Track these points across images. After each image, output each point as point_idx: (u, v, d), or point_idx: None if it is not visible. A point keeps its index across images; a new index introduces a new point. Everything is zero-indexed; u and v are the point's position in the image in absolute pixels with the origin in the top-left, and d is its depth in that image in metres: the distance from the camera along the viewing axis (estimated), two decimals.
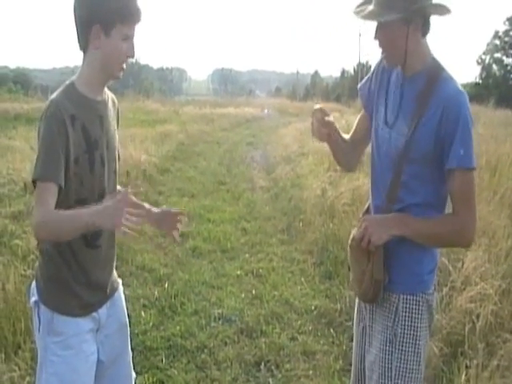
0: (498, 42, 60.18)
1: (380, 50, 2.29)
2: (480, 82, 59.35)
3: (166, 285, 5.60)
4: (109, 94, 2.43)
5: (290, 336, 4.67)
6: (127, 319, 2.62)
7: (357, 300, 2.62)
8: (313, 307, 5.17)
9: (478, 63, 61.16)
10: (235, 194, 10.43)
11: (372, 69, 2.54)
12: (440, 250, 2.74)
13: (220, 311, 5.08)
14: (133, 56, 2.21)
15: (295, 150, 13.93)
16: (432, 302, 2.37)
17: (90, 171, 2.22)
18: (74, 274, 2.30)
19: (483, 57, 61.13)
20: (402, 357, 2.30)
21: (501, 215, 6.11)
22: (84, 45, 2.18)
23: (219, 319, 4.95)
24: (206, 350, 4.37)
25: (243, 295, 5.50)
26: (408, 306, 2.31)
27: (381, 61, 2.44)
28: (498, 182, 7.45)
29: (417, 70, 2.24)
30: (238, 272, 6.17)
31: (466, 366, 3.70)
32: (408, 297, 2.31)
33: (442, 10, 2.19)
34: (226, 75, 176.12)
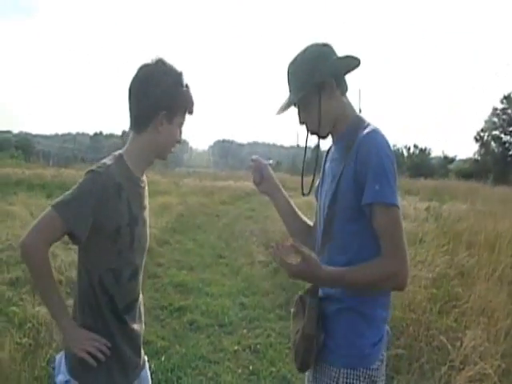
0: (496, 119, 61.11)
1: (308, 133, 2.38)
2: (479, 158, 59.97)
3: (163, 358, 5.55)
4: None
5: None
6: None
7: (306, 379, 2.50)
8: None
9: (477, 140, 61.94)
10: (234, 267, 10.42)
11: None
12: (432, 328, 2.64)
13: None
14: (180, 141, 2.36)
15: None
16: (376, 378, 2.21)
17: (130, 245, 2.29)
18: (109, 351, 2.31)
19: (481, 134, 61.94)
20: None
21: (500, 293, 6.10)
22: (143, 127, 2.28)
23: None
24: None
25: (240, 371, 5.44)
26: (348, 381, 2.17)
27: (325, 154, 2.54)
28: (496, 259, 7.44)
29: (342, 130, 2.28)
30: (236, 347, 6.11)
31: None
32: (349, 371, 2.17)
33: (349, 64, 2.28)
34: (227, 147, 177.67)
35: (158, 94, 2.22)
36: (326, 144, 2.48)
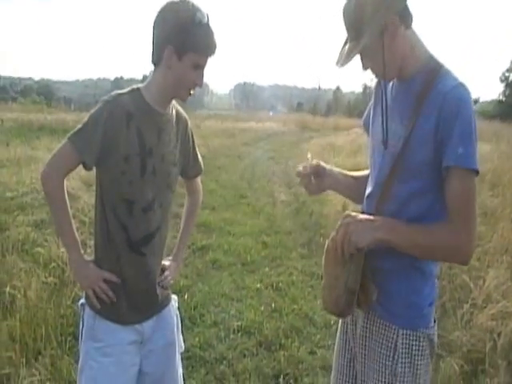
0: None
1: (373, 74, 2.10)
2: (503, 99, 59.09)
3: (186, 296, 5.61)
4: (176, 111, 2.48)
5: (309, 350, 4.66)
6: (177, 337, 2.63)
7: (340, 326, 2.41)
8: (332, 321, 5.14)
9: (502, 80, 60.94)
10: (256, 207, 10.46)
11: (372, 96, 2.37)
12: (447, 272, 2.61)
13: (239, 323, 5.09)
14: (200, 85, 2.28)
15: None
16: (433, 337, 2.12)
17: (141, 176, 2.28)
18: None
19: (507, 74, 60.91)
20: None
21: None
22: (156, 60, 2.26)
23: (238, 331, 4.95)
24: (224, 362, 4.38)
25: (262, 308, 5.50)
26: (408, 342, 2.07)
27: (376, 82, 2.29)
28: None
29: (413, 72, 2.03)
30: (258, 285, 6.17)
31: None
32: (408, 332, 2.06)
33: None
34: (248, 90, 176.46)
35: (168, 28, 2.18)
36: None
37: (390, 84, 2.17)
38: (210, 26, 2.20)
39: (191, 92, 2.31)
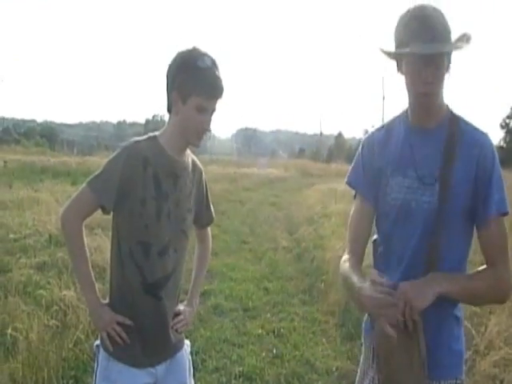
0: None
1: (427, 83, 1.91)
2: (504, 145, 59.33)
3: (188, 342, 5.58)
4: (192, 160, 2.55)
5: None
6: (188, 381, 2.64)
7: (367, 352, 2.26)
8: (334, 368, 5.13)
9: (502, 127, 61.29)
10: (258, 253, 10.45)
11: (355, 159, 2.30)
12: None
13: (241, 369, 5.05)
14: (208, 129, 2.31)
15: (318, 211, 13.99)
16: (464, 382, 2.09)
17: (157, 219, 2.33)
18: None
19: (507, 120, 61.27)
20: None
21: None
22: (168, 107, 2.34)
23: (240, 377, 4.92)
24: None
25: (264, 354, 5.47)
26: None
27: (364, 141, 2.26)
28: None
29: (441, 118, 2.02)
30: (260, 331, 6.14)
31: None
32: (449, 381, 2.01)
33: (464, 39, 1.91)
34: (250, 135, 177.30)
35: (172, 74, 2.28)
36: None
37: (395, 137, 2.14)
38: (215, 69, 2.26)
39: (202, 137, 2.36)
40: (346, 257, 2.25)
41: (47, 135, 76.83)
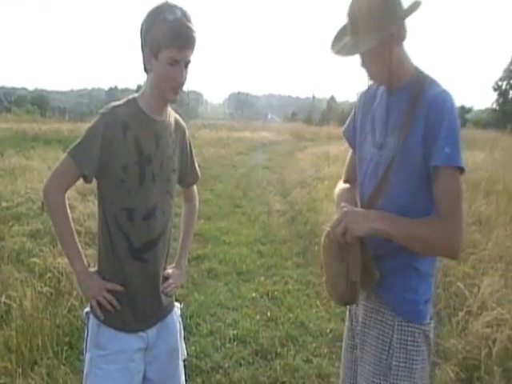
0: None
1: (368, 75, 2.23)
2: (497, 108, 59.34)
3: (182, 305, 5.59)
4: (174, 119, 2.52)
5: (305, 358, 4.66)
6: (179, 344, 2.65)
7: (347, 321, 2.50)
8: (328, 330, 5.16)
9: (495, 89, 61.15)
10: (251, 216, 10.44)
11: (354, 108, 2.52)
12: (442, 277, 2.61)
13: (235, 332, 5.08)
14: (181, 81, 2.25)
15: (311, 175, 13.98)
16: (429, 333, 2.21)
17: (140, 184, 2.31)
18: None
19: (500, 83, 61.13)
20: None
21: None
22: (144, 66, 2.29)
23: (234, 340, 4.95)
24: (220, 371, 4.38)
25: (258, 317, 5.50)
26: (403, 337, 2.15)
27: (361, 95, 2.45)
28: None
29: (403, 82, 2.17)
30: (254, 294, 6.17)
31: None
32: (403, 327, 2.16)
33: (413, 8, 2.08)
34: (243, 99, 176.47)
35: (143, 31, 2.23)
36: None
37: (378, 97, 2.33)
38: (184, 20, 2.18)
39: (178, 91, 2.30)
40: (338, 185, 2.63)
41: (38, 103, 76.15)
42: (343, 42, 2.17)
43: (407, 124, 2.08)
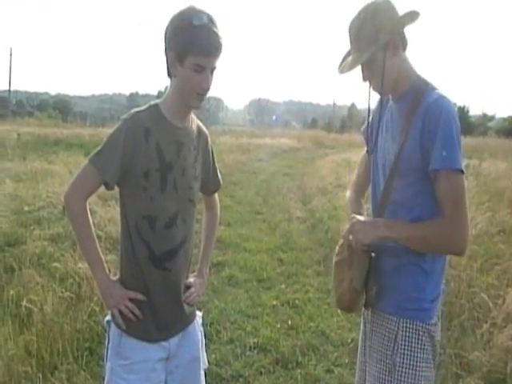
0: None
1: (371, 89, 2.33)
2: None
3: (202, 312, 5.57)
4: (197, 125, 2.49)
5: (326, 368, 4.62)
6: (201, 353, 2.62)
7: (362, 324, 2.54)
8: (349, 340, 5.11)
9: None
10: (272, 224, 10.41)
11: (372, 111, 2.57)
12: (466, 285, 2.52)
13: (255, 340, 5.05)
14: (207, 87, 2.24)
15: (332, 182, 13.92)
16: (435, 334, 2.25)
17: (162, 191, 2.28)
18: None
19: None
20: None
21: None
22: (168, 71, 2.27)
23: (254, 348, 4.92)
24: (241, 379, 4.35)
25: (279, 325, 5.46)
26: (408, 334, 2.21)
27: (380, 100, 2.48)
28: None
29: (404, 90, 2.26)
30: (274, 302, 6.13)
31: None
32: (408, 325, 2.21)
33: (412, 17, 2.21)
34: (263, 106, 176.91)
35: (169, 36, 2.19)
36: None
37: (388, 107, 2.40)
38: (211, 26, 2.16)
39: (202, 98, 2.28)
40: (348, 193, 2.79)
41: (60, 107, 76.83)
42: (348, 61, 2.30)
43: (405, 130, 2.17)
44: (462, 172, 2.08)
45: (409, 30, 2.26)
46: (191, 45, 2.14)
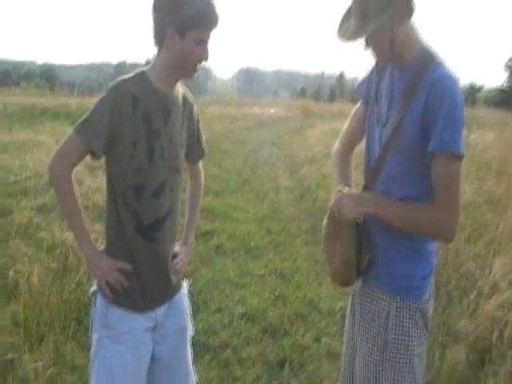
0: None
1: (373, 55, 2.21)
2: (508, 87, 58.94)
3: (190, 282, 5.57)
4: (183, 92, 2.46)
5: (314, 337, 4.64)
6: (187, 323, 2.62)
7: (349, 304, 2.52)
8: (337, 308, 5.13)
9: (507, 68, 60.73)
10: (260, 193, 10.39)
11: (368, 72, 2.48)
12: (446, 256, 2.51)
13: (243, 310, 5.07)
14: (206, 59, 2.25)
15: (320, 151, 13.87)
16: (426, 311, 2.22)
17: (149, 160, 2.25)
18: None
19: (510, 63, 60.68)
20: (395, 368, 2.17)
21: None
22: (159, 42, 2.23)
23: (242, 318, 4.93)
24: (228, 349, 4.36)
25: (267, 295, 5.48)
26: (399, 312, 2.17)
27: (376, 63, 2.39)
28: None
29: (408, 59, 2.13)
30: (262, 271, 6.15)
31: (494, 374, 3.65)
32: (399, 302, 2.17)
33: None
34: (252, 75, 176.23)
35: (166, 8, 2.14)
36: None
37: (388, 70, 2.28)
38: None
39: (197, 68, 2.27)
40: (335, 147, 2.69)
41: (47, 77, 76.12)
42: (346, 26, 2.16)
43: (407, 103, 2.08)
44: (462, 157, 1.99)
45: None
46: (195, 19, 2.12)
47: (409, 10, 2.06)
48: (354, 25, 2.10)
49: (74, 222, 2.33)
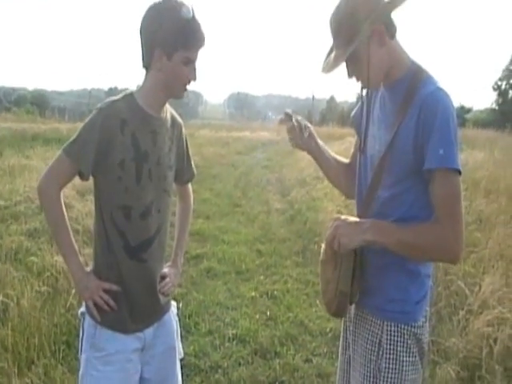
0: None
1: (358, 83, 2.16)
2: (496, 107, 59.28)
3: (181, 305, 5.57)
4: (171, 115, 2.48)
5: (305, 358, 4.64)
6: (176, 343, 2.61)
7: (342, 326, 2.46)
8: (328, 329, 5.13)
9: (495, 89, 61.11)
10: (250, 216, 10.40)
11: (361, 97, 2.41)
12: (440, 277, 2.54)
13: (234, 332, 5.06)
14: (195, 79, 2.26)
15: (310, 174, 13.90)
16: (421, 336, 2.14)
17: (137, 181, 2.27)
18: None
19: (499, 83, 61.07)
20: None
21: None
22: (147, 64, 2.26)
23: (233, 339, 4.92)
24: (219, 370, 4.35)
25: (258, 316, 5.47)
26: (392, 338, 2.10)
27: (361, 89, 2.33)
28: None
29: (397, 78, 2.09)
30: (253, 293, 6.15)
31: None
32: (392, 328, 2.10)
33: (396, 3, 2.02)
34: (242, 100, 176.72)
35: (153, 30, 2.16)
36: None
37: (379, 94, 2.23)
38: (196, 18, 2.17)
39: (186, 87, 2.29)
40: None
41: (38, 103, 75.85)
42: (328, 59, 2.16)
43: (398, 121, 2.02)
44: (460, 172, 1.92)
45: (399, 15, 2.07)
46: (183, 39, 2.14)
47: (388, 30, 2.04)
48: (335, 54, 2.10)
49: (62, 242, 2.34)
